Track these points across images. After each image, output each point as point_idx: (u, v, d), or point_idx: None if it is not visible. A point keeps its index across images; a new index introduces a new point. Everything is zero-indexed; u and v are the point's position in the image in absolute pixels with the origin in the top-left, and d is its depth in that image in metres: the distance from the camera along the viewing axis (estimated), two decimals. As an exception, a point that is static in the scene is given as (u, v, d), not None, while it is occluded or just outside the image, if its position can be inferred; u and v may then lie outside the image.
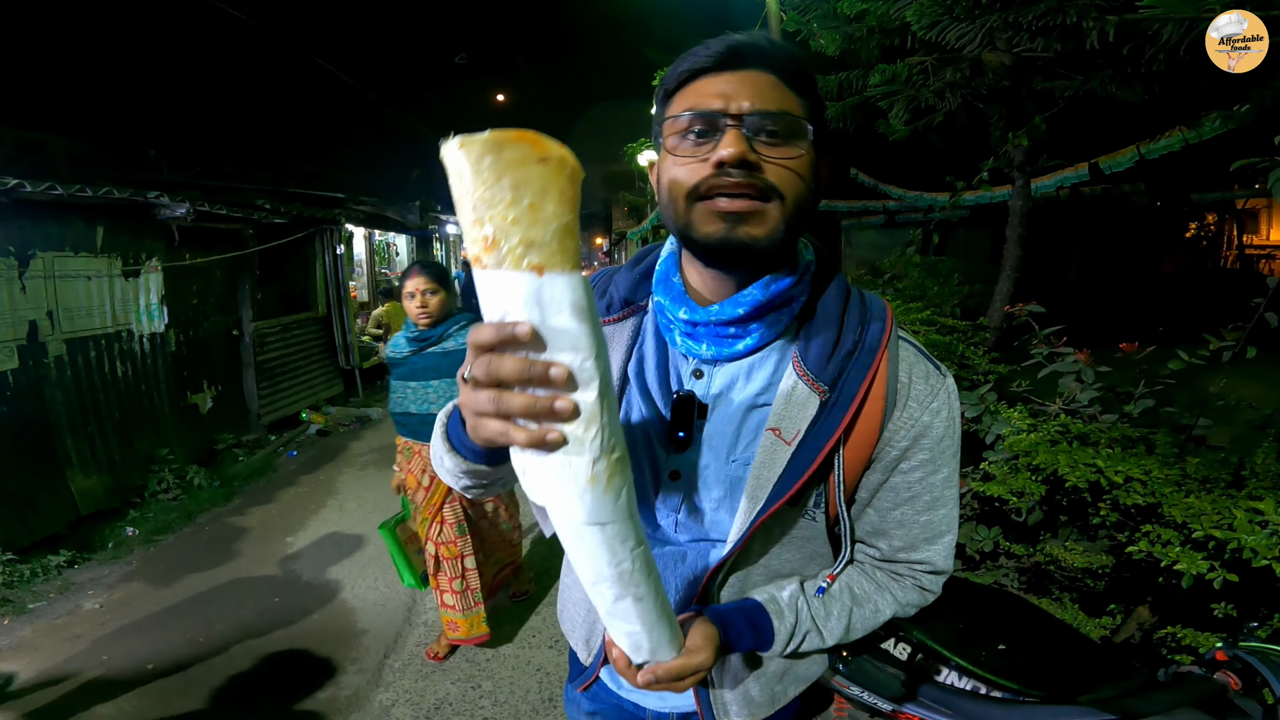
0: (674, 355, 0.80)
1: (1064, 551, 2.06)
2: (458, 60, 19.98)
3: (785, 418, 0.73)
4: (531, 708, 2.48)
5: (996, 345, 3.23)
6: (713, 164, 0.66)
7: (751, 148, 0.66)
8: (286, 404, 6.58)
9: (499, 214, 0.48)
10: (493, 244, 0.49)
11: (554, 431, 0.53)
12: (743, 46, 0.69)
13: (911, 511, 0.79)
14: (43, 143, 5.37)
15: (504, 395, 0.53)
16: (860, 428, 0.73)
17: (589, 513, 0.57)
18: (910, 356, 0.77)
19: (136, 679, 2.69)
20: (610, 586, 0.63)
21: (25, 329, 3.86)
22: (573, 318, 0.51)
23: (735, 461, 0.77)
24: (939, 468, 0.78)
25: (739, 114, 0.66)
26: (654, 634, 0.68)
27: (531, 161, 0.48)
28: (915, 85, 3.13)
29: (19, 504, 3.73)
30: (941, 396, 0.77)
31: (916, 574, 0.83)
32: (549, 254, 0.49)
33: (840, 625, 0.81)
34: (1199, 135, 4.99)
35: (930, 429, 0.76)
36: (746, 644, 0.78)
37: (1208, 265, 12.97)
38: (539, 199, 0.48)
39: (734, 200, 0.66)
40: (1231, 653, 1.25)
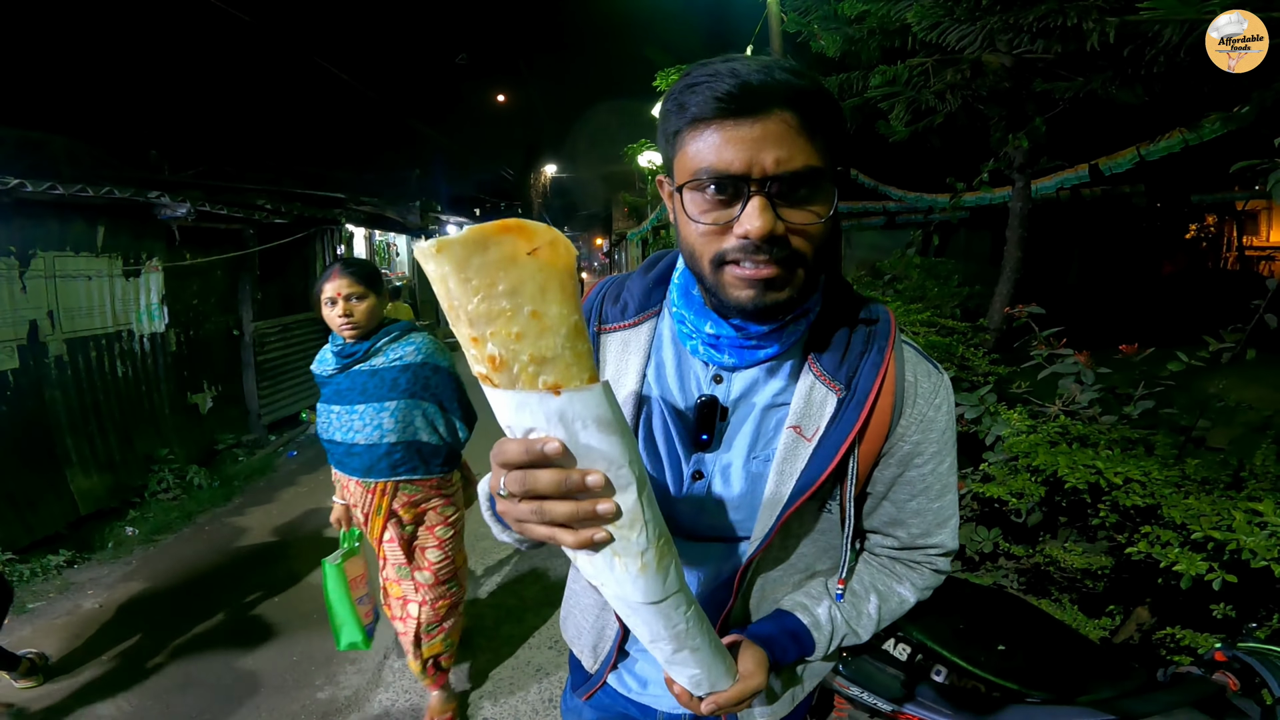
0: (691, 360, 0.82)
1: (1063, 552, 2.06)
2: (458, 61, 19.99)
3: (805, 416, 0.77)
4: (530, 708, 2.48)
5: (996, 346, 3.23)
6: (737, 235, 0.65)
7: (777, 214, 0.64)
8: (286, 404, 6.59)
9: (500, 330, 0.44)
10: (501, 364, 0.45)
11: (600, 532, 0.55)
12: (760, 87, 0.62)
13: (926, 501, 0.84)
14: (44, 142, 5.37)
15: (545, 505, 0.54)
16: (873, 425, 0.78)
17: (643, 595, 0.59)
18: (913, 357, 0.83)
19: (136, 678, 2.69)
20: (668, 644, 0.66)
21: (26, 329, 3.86)
22: (600, 433, 0.49)
23: (756, 459, 0.80)
24: (945, 458, 0.83)
25: (763, 177, 0.63)
26: (711, 672, 0.72)
27: (521, 256, 0.43)
28: (916, 87, 3.13)
29: (19, 503, 3.73)
30: (942, 392, 0.82)
31: (931, 558, 0.88)
32: (563, 368, 0.46)
33: (872, 621, 0.86)
34: (1199, 137, 4.99)
35: (935, 424, 0.81)
36: (793, 656, 0.83)
37: (1207, 267, 12.98)
38: (540, 303, 0.44)
39: (759, 270, 0.66)
40: (1230, 653, 1.25)
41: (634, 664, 0.96)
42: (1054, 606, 2.15)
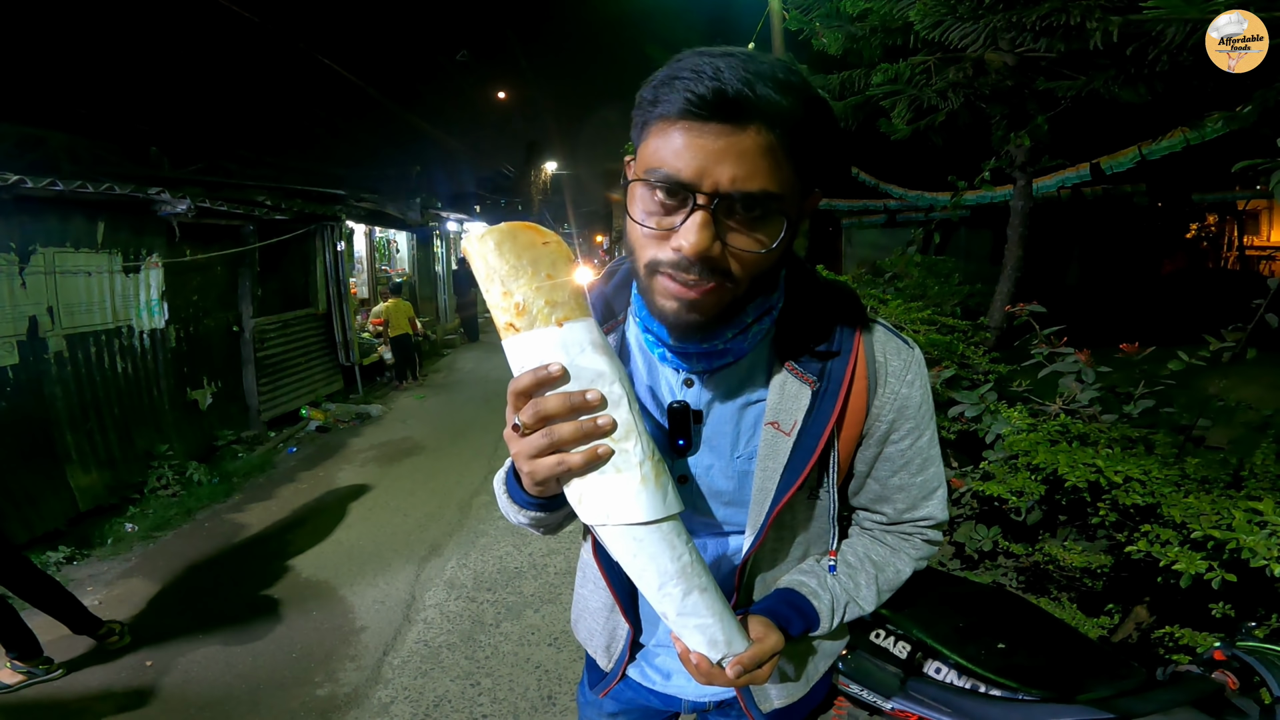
0: (662, 367, 0.81)
1: (1063, 551, 2.06)
2: (459, 58, 19.95)
3: (781, 411, 0.77)
4: (530, 705, 2.48)
5: (997, 345, 3.23)
6: (673, 247, 0.62)
7: (717, 234, 0.61)
8: (286, 400, 6.59)
9: (524, 285, 0.60)
10: (523, 309, 0.60)
11: (603, 445, 0.61)
12: (736, 97, 0.57)
13: (908, 476, 0.85)
14: (44, 139, 5.35)
15: (554, 428, 0.60)
16: (850, 410, 0.79)
17: (647, 511, 0.63)
18: (882, 336, 0.82)
19: (135, 676, 2.70)
20: (677, 583, 0.67)
21: (26, 324, 3.86)
22: (594, 353, 0.61)
23: (740, 457, 0.80)
24: (923, 432, 0.83)
25: (713, 192, 0.59)
26: (725, 624, 0.71)
27: (538, 244, 0.61)
28: (917, 85, 3.13)
29: (19, 500, 3.73)
30: (914, 368, 0.82)
31: (922, 529, 0.89)
32: (569, 310, 0.61)
33: (871, 591, 0.86)
34: (1201, 136, 4.99)
35: (910, 399, 0.81)
36: (798, 628, 0.82)
37: (1208, 266, 12.98)
38: (553, 270, 0.60)
39: (687, 289, 0.64)
40: (1229, 652, 1.26)
41: (654, 657, 0.97)
42: (1053, 605, 2.15)
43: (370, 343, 8.56)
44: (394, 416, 7.06)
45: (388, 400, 7.75)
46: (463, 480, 4.93)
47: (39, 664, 2.62)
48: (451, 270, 13.50)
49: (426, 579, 3.46)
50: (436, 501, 4.54)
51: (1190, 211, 11.52)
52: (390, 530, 4.08)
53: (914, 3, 2.68)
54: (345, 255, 7.79)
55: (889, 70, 3.11)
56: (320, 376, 7.32)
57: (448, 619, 3.06)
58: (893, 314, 3.29)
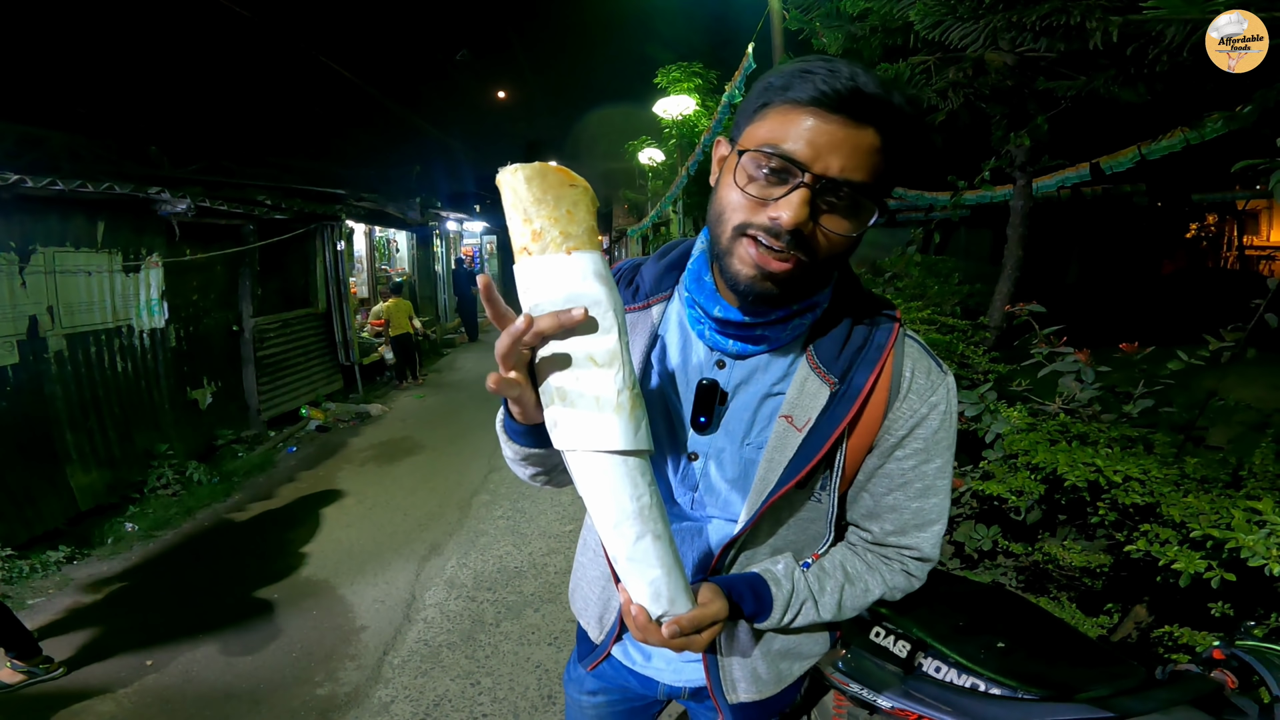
0: (696, 344, 0.84)
1: (1062, 550, 2.07)
2: (459, 58, 19.94)
3: (798, 406, 0.79)
4: (530, 704, 2.48)
5: (997, 344, 3.23)
6: (769, 215, 0.67)
7: (812, 215, 0.66)
8: (286, 400, 6.59)
9: (546, 214, 0.63)
10: (539, 235, 0.64)
11: (579, 308, 0.61)
12: (870, 97, 0.64)
13: (904, 497, 0.84)
14: (44, 138, 5.35)
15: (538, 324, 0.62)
16: (865, 418, 0.79)
17: (618, 439, 0.65)
18: (915, 353, 0.83)
19: (136, 675, 2.70)
20: (632, 524, 0.69)
21: (26, 324, 3.86)
22: (595, 280, 0.64)
23: (749, 445, 0.82)
24: (932, 457, 0.82)
25: (820, 175, 0.65)
26: (671, 579, 0.72)
27: (566, 185, 0.64)
28: (917, 84, 3.13)
29: (18, 499, 3.74)
30: (940, 391, 0.82)
31: (904, 559, 0.88)
32: (580, 243, 0.64)
33: (833, 600, 0.86)
34: (1200, 136, 4.99)
35: (926, 420, 0.81)
36: (749, 608, 0.82)
37: (1208, 266, 12.98)
38: (574, 208, 0.64)
39: (769, 259, 0.68)
40: (1228, 651, 1.26)
41: None
42: (1053, 604, 2.15)
43: (370, 342, 8.56)
44: (394, 416, 7.06)
45: (388, 399, 7.75)
46: (463, 479, 4.93)
47: (39, 663, 2.62)
48: (451, 270, 13.50)
49: (427, 578, 3.46)
50: (436, 501, 4.54)
51: (1190, 211, 11.53)
52: (390, 529, 4.08)
53: (914, 3, 2.67)
54: (345, 255, 7.79)
55: (889, 70, 3.11)
56: (320, 376, 7.32)
57: (448, 618, 3.07)
58: (893, 314, 3.29)
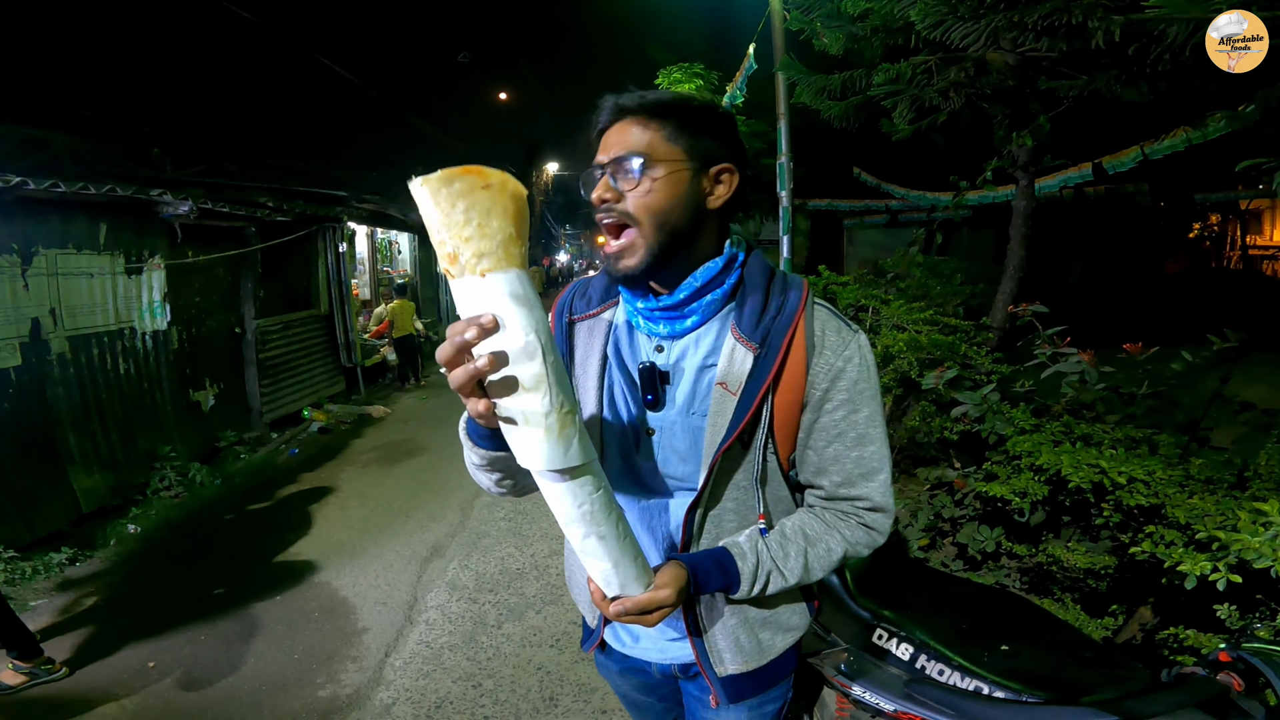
0: (640, 337, 0.97)
1: (1066, 552, 2.06)
2: (460, 59, 19.97)
3: (729, 374, 0.90)
4: (532, 706, 2.48)
5: (1000, 345, 3.22)
6: (594, 205, 0.87)
7: (614, 188, 0.85)
8: (288, 402, 6.60)
9: (456, 234, 0.61)
10: (454, 258, 0.62)
11: (488, 317, 0.64)
12: (617, 105, 0.86)
13: (842, 447, 0.93)
14: (46, 140, 5.37)
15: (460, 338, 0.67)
16: (787, 375, 0.90)
17: (547, 459, 0.69)
18: (824, 316, 0.94)
19: (138, 677, 2.70)
20: (577, 526, 0.75)
21: (28, 326, 3.87)
22: (514, 305, 0.64)
23: (694, 414, 0.93)
24: (859, 407, 0.92)
25: (604, 163, 0.86)
26: (620, 569, 0.79)
27: (477, 188, 0.61)
28: (919, 85, 3.12)
29: (21, 501, 3.74)
30: (853, 346, 0.92)
31: (860, 511, 0.96)
32: (496, 261, 0.62)
33: (799, 564, 0.93)
34: (1203, 136, 4.98)
35: (844, 373, 0.91)
36: (716, 583, 0.90)
37: (1211, 266, 12.94)
38: (485, 219, 0.61)
39: (608, 243, 0.87)
40: (1234, 654, 1.25)
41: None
42: (1057, 606, 2.14)
43: (372, 344, 8.57)
44: (396, 417, 7.06)
45: (390, 401, 7.75)
46: (465, 481, 4.92)
47: (40, 664, 2.62)
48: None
49: (428, 580, 3.46)
50: (438, 502, 4.54)
51: (1193, 211, 11.50)
52: (392, 531, 4.08)
53: (915, 2, 2.67)
54: (347, 256, 7.80)
55: (890, 70, 3.10)
56: (322, 377, 7.33)
57: (449, 620, 3.06)
58: (895, 314, 3.28)
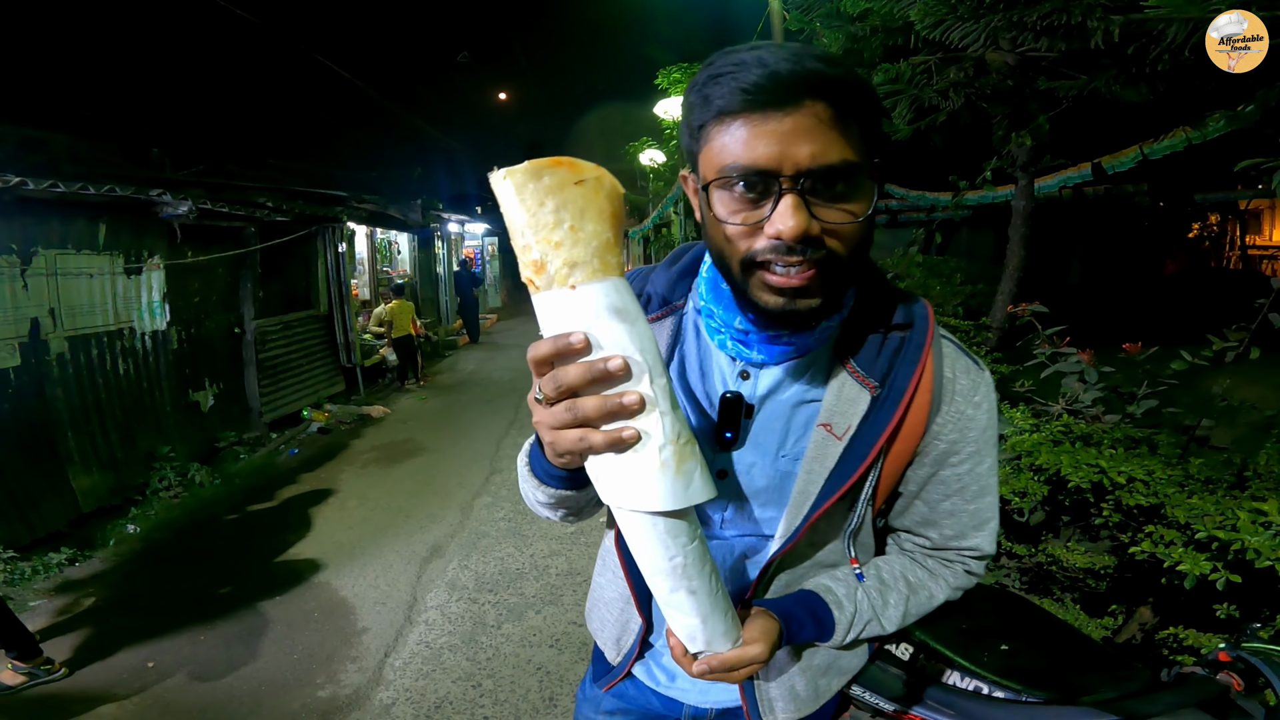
0: (717, 355, 0.79)
1: (1066, 552, 2.06)
2: (459, 59, 19.97)
3: (837, 414, 0.74)
4: (532, 707, 2.48)
5: (999, 345, 3.22)
6: (769, 236, 0.61)
7: (811, 213, 0.60)
8: (288, 402, 6.59)
9: (544, 238, 0.53)
10: (541, 267, 0.53)
11: (629, 429, 0.55)
12: (790, 77, 0.58)
13: (961, 501, 0.81)
14: (45, 140, 5.37)
15: (578, 401, 0.55)
16: (909, 423, 0.75)
17: (664, 498, 0.58)
18: (952, 353, 0.79)
19: (138, 677, 2.70)
20: (666, 579, 0.65)
21: (27, 326, 3.86)
22: (612, 319, 0.54)
23: (785, 457, 0.78)
24: (984, 458, 0.80)
25: (796, 173, 0.59)
26: (709, 626, 0.69)
27: (569, 184, 0.52)
28: (918, 85, 3.12)
29: (20, 502, 3.74)
30: (983, 389, 0.78)
31: (965, 559, 0.86)
32: (590, 272, 0.53)
33: (898, 613, 0.83)
34: (1203, 136, 4.97)
35: (974, 421, 0.78)
36: (808, 635, 0.79)
37: (1210, 266, 12.95)
38: (579, 220, 0.53)
39: (790, 275, 0.62)
40: (1234, 654, 1.25)
41: (661, 656, 0.95)
42: (1056, 606, 2.14)
43: (372, 344, 8.56)
44: (396, 418, 7.06)
45: (389, 401, 7.75)
46: (464, 482, 4.92)
47: (40, 664, 2.62)
48: (453, 271, 13.51)
49: (428, 580, 3.46)
50: (438, 503, 4.54)
51: (1192, 211, 11.51)
52: (392, 532, 4.08)
53: (914, 2, 2.67)
54: (347, 257, 7.79)
55: (890, 70, 3.10)
56: (322, 378, 7.33)
57: (449, 620, 3.06)
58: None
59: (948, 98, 3.14)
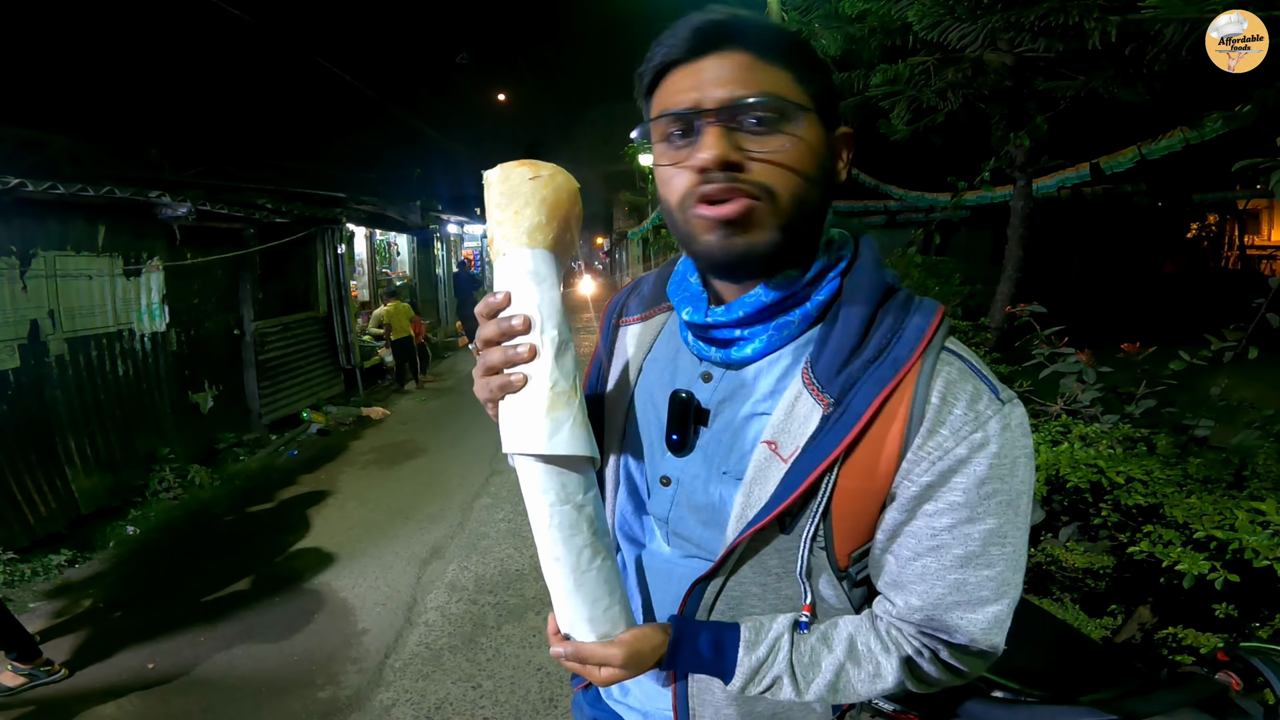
0: (688, 355, 0.74)
1: (1065, 551, 2.06)
2: (459, 60, 19.97)
3: (784, 431, 0.64)
4: (532, 707, 2.48)
5: (998, 345, 3.23)
6: (695, 169, 0.60)
7: (735, 145, 0.59)
8: (287, 403, 6.59)
9: (496, 220, 0.66)
10: (491, 242, 0.68)
11: (517, 374, 0.64)
12: (710, 26, 0.61)
13: (936, 564, 0.63)
14: (44, 142, 5.37)
15: (488, 351, 0.66)
16: (867, 451, 0.61)
17: (524, 438, 0.64)
18: (953, 374, 0.62)
19: (138, 678, 2.70)
20: (541, 540, 0.68)
21: (27, 328, 3.86)
22: (529, 279, 0.65)
23: (726, 474, 0.68)
24: (980, 517, 0.61)
25: (714, 107, 0.59)
26: (569, 605, 0.68)
27: (526, 180, 0.65)
28: (917, 85, 3.13)
29: (20, 503, 3.74)
30: (991, 427, 0.60)
31: (936, 644, 0.66)
32: (518, 241, 0.65)
33: (824, 680, 0.67)
34: (1200, 135, 4.99)
35: (968, 466, 0.60)
36: (701, 667, 0.69)
37: (1209, 266, 12.96)
38: (522, 207, 0.65)
39: (721, 206, 0.60)
40: (1233, 653, 1.25)
41: None
42: (1055, 605, 2.14)
43: (371, 345, 8.57)
44: (395, 419, 7.06)
45: (389, 403, 7.75)
46: (464, 483, 4.92)
47: (40, 666, 2.62)
48: (452, 272, 13.52)
49: (428, 581, 3.46)
50: (438, 504, 4.54)
51: (1190, 211, 11.52)
52: (392, 533, 4.08)
53: (912, 3, 2.68)
54: (346, 258, 7.80)
55: (888, 71, 3.11)
56: (321, 379, 7.32)
57: (449, 621, 3.06)
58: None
59: (946, 98, 3.14)
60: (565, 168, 0.67)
